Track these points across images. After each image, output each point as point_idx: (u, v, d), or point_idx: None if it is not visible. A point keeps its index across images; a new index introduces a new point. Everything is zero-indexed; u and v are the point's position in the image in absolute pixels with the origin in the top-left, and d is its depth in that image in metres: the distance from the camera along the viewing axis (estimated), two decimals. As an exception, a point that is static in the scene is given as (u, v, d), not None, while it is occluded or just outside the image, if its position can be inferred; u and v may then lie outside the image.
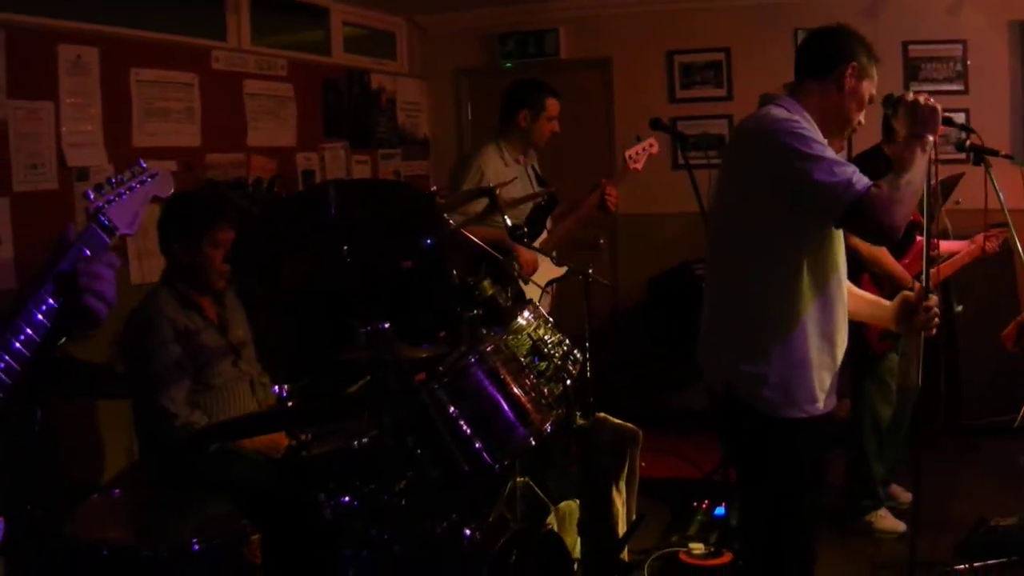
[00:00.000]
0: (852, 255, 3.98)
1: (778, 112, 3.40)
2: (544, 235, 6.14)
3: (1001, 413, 6.64)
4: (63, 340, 2.27)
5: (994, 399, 6.88)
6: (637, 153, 6.06)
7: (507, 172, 5.92)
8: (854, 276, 3.62)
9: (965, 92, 7.85)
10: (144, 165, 2.44)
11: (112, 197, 2.30)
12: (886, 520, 5.75)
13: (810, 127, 3.34)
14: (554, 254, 5.80)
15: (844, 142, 5.60)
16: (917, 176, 3.26)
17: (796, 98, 3.49)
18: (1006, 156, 4.57)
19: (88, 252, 2.21)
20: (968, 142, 4.23)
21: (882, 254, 5.43)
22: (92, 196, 2.28)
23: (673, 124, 5.55)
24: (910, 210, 3.25)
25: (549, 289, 5.97)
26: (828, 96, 3.48)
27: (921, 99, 3.38)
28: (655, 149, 6.07)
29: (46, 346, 2.19)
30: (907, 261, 5.47)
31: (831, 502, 5.61)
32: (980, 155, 4.34)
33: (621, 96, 8.60)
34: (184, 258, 4.55)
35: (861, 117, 3.57)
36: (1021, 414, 5.41)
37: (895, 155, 3.41)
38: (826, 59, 3.50)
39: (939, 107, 3.39)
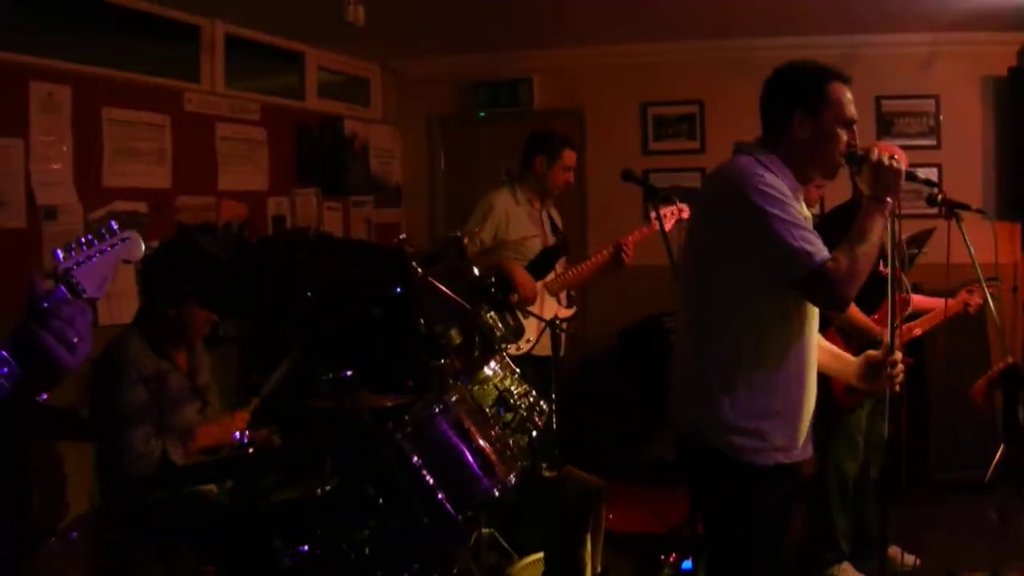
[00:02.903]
0: None
1: (746, 163, 3.35)
2: (551, 276, 6.26)
3: (971, 468, 6.62)
4: (41, 397, 2.20)
5: (964, 454, 6.86)
6: (666, 215, 5.87)
7: (517, 210, 6.20)
8: (821, 328, 3.58)
9: (938, 147, 7.90)
10: (115, 227, 2.33)
11: (82, 259, 2.21)
12: (848, 573, 5.69)
13: (776, 181, 3.28)
14: (572, 293, 6.22)
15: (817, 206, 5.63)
16: (874, 245, 3.26)
17: (770, 147, 3.43)
18: (978, 211, 4.56)
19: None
20: (940, 197, 4.22)
21: (850, 308, 5.36)
22: (61, 257, 2.19)
23: (646, 176, 5.51)
24: (863, 280, 3.24)
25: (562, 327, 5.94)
26: (795, 146, 3.41)
27: (885, 159, 3.34)
28: (686, 214, 5.94)
29: (11, 405, 2.12)
30: (876, 317, 5.42)
31: (791, 553, 5.56)
32: (951, 209, 4.33)
33: (593, 147, 8.55)
34: (168, 313, 4.55)
35: (845, 137, 3.43)
36: (991, 469, 5.39)
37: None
38: (774, 117, 3.46)
39: (903, 166, 3.36)
